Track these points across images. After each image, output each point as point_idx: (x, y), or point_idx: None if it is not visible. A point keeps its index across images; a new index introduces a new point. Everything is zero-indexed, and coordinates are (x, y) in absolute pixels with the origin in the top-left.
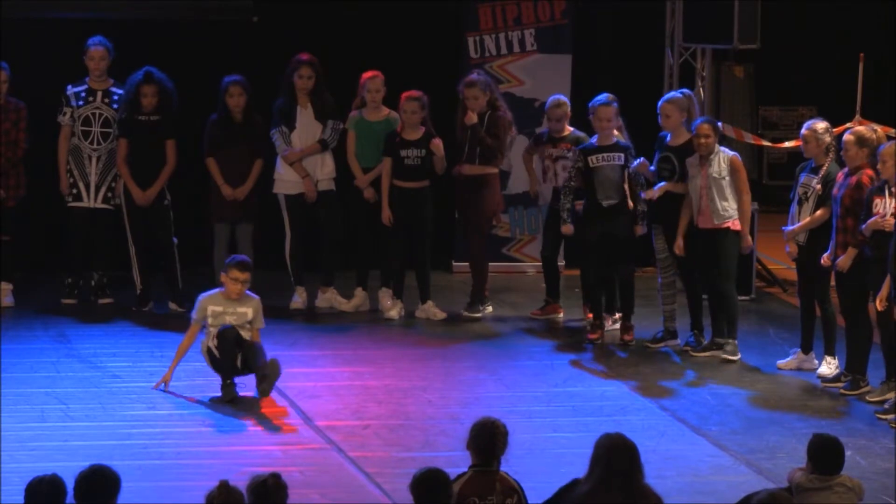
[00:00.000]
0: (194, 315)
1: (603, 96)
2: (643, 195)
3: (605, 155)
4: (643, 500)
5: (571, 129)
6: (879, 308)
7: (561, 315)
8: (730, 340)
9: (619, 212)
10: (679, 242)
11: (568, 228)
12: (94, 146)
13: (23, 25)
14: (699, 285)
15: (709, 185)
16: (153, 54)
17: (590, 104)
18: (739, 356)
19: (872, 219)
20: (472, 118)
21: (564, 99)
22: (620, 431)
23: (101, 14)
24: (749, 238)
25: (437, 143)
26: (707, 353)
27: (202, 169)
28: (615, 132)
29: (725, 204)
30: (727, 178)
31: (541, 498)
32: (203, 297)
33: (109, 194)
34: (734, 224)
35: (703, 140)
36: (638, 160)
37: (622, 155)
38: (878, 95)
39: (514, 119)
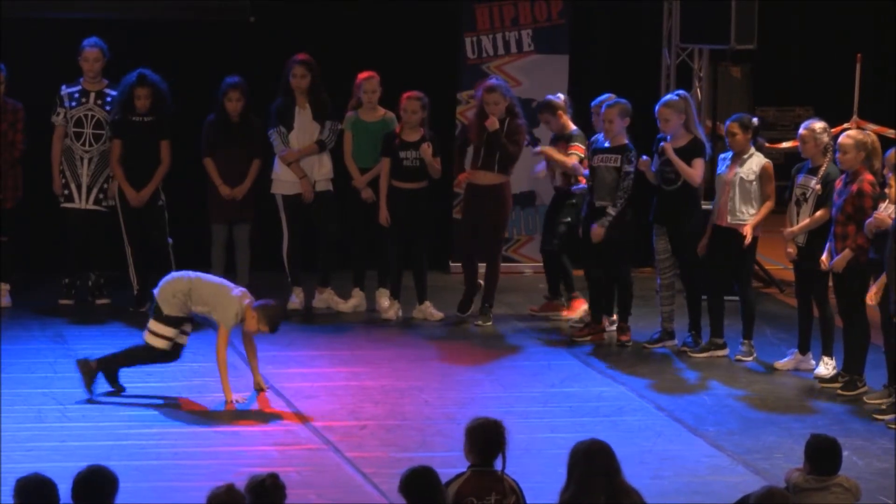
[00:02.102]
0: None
1: (605, 95)
2: (633, 166)
3: (604, 156)
4: (626, 498)
5: (574, 127)
6: (870, 302)
7: (564, 313)
8: (745, 341)
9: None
10: (703, 242)
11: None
12: (86, 148)
13: (21, 25)
14: (699, 286)
15: (734, 184)
16: (151, 54)
17: (594, 103)
18: (754, 356)
19: (870, 219)
20: (494, 124)
21: (553, 99)
22: (595, 437)
23: (99, 14)
24: (751, 232)
25: (424, 149)
26: (705, 354)
27: (200, 169)
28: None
29: (745, 208)
30: (755, 182)
31: (539, 498)
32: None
33: (101, 196)
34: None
35: (729, 137)
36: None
37: (619, 157)
38: (877, 96)
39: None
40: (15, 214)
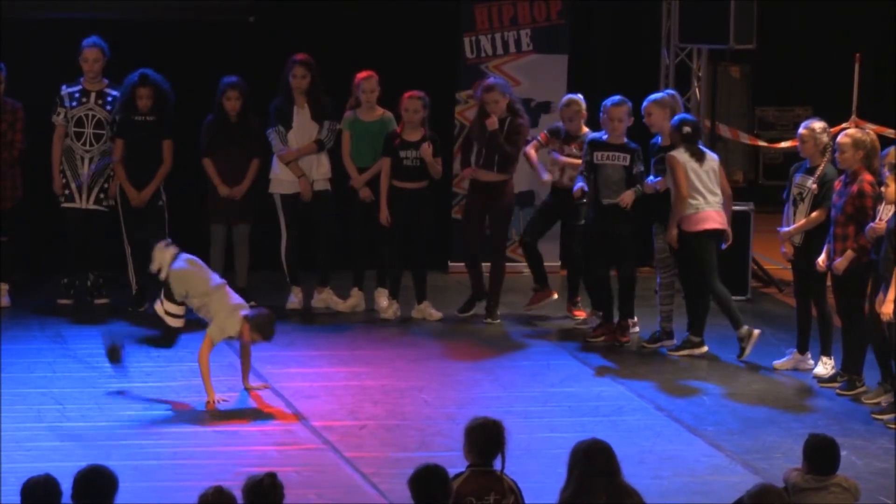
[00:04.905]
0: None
1: (616, 97)
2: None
3: (610, 154)
4: (626, 498)
5: (587, 129)
6: (885, 318)
7: (555, 297)
8: (695, 338)
9: (617, 212)
10: (672, 233)
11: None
12: (87, 147)
13: (22, 25)
14: (697, 285)
15: None
16: (151, 54)
17: (603, 103)
18: (705, 349)
19: (870, 225)
20: (494, 123)
21: (576, 97)
22: (596, 436)
23: (99, 14)
24: (672, 232)
25: (425, 148)
26: (683, 353)
27: (199, 169)
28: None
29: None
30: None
31: (539, 498)
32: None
33: (101, 195)
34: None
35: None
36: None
37: (627, 156)
38: (877, 96)
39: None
40: (14, 214)
